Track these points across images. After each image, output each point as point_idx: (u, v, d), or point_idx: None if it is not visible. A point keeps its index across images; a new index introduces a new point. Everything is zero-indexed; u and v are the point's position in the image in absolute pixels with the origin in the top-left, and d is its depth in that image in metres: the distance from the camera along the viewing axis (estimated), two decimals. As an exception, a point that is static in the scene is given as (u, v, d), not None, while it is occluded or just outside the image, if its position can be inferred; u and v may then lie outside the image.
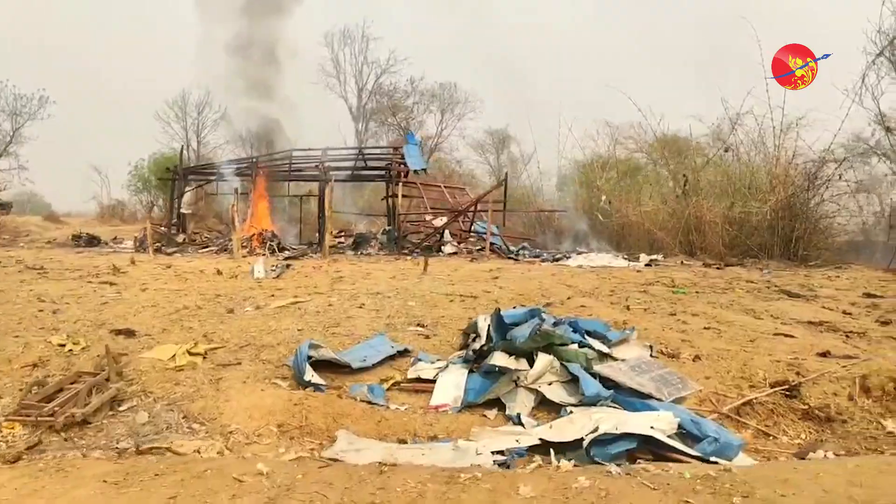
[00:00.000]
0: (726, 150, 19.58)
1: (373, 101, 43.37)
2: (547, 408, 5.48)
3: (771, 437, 5.55)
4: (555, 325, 6.37)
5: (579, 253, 17.42)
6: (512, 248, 18.57)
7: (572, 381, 5.57)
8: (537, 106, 40.42)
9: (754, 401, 5.85)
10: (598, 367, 5.66)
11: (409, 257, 16.66)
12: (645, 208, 19.52)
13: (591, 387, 5.28)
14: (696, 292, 10.41)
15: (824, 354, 6.95)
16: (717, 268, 14.57)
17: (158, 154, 35.61)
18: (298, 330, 7.58)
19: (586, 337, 6.36)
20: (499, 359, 5.64)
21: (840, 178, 15.97)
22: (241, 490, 2.64)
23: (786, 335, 7.76)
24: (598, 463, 4.29)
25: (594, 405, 5.25)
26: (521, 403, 5.51)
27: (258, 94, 25.91)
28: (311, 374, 5.81)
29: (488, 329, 6.01)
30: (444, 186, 22.66)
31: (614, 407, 5.29)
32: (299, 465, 3.07)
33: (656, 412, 4.95)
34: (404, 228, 20.91)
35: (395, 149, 21.31)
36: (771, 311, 9.22)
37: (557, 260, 15.82)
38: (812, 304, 9.85)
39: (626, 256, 16.94)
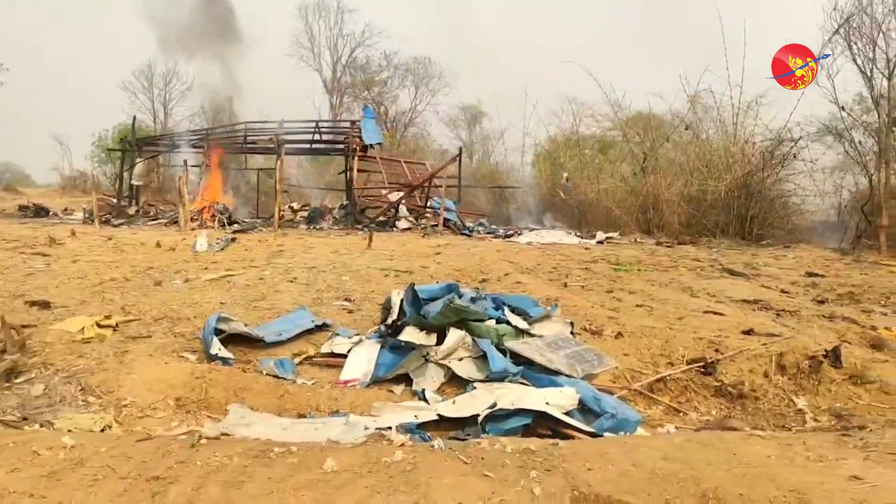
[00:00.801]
0: (686, 128, 19.66)
1: (347, 74, 42.86)
2: (457, 383, 5.46)
3: (681, 414, 5.62)
4: (473, 300, 6.34)
5: (531, 230, 17.45)
6: (469, 224, 18.54)
7: (483, 357, 5.55)
8: (507, 82, 40.33)
9: (669, 377, 5.90)
10: (510, 344, 5.65)
11: (360, 232, 16.55)
12: (603, 186, 19.58)
13: (499, 363, 5.28)
14: (639, 270, 10.47)
15: (748, 332, 7.03)
16: (668, 246, 14.69)
17: (123, 125, 34.95)
18: (221, 303, 7.51)
19: (506, 313, 6.35)
20: (408, 334, 5.61)
21: (795, 157, 16.12)
22: (27, 464, 2.57)
23: (715, 313, 7.84)
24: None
25: (502, 381, 5.24)
26: (430, 379, 5.49)
27: (214, 67, 25.48)
28: (217, 348, 5.73)
29: (401, 304, 5.97)
30: (404, 161, 22.51)
31: (522, 383, 5.29)
32: (115, 440, 3.01)
33: (559, 388, 4.96)
34: (363, 203, 20.77)
35: (353, 122, 21.08)
36: (709, 289, 9.31)
37: (509, 236, 15.83)
38: (752, 283, 9.97)
39: (578, 234, 17.01)
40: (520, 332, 6.08)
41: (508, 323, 6.18)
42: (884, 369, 6.48)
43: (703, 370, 6.07)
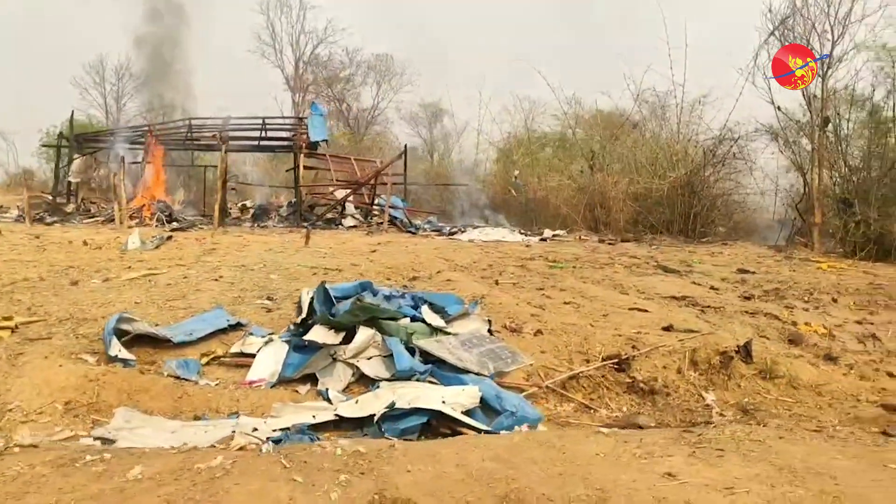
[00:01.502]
0: (634, 127, 19.89)
1: (309, 71, 42.41)
2: (366, 383, 5.41)
3: (592, 411, 5.64)
4: (388, 298, 6.31)
5: (476, 227, 17.49)
6: (417, 222, 18.50)
7: (392, 356, 5.51)
8: (465, 80, 40.37)
9: (582, 374, 5.93)
10: (420, 342, 5.62)
11: (305, 230, 16.37)
12: (550, 184, 19.71)
13: (405, 361, 5.24)
14: (574, 267, 10.54)
15: (668, 329, 7.12)
16: (610, 243, 14.84)
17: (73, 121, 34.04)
18: (136, 303, 7.34)
19: (423, 311, 6.32)
20: (315, 333, 5.54)
21: (735, 156, 16.41)
22: None
23: (640, 310, 7.92)
24: (388, 438, 4.27)
25: (409, 380, 5.20)
26: (337, 378, 5.43)
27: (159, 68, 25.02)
28: (117, 349, 5.58)
29: (310, 303, 5.89)
30: (354, 159, 22.36)
31: (431, 382, 5.27)
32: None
33: (461, 387, 4.94)
34: (311, 200, 20.58)
35: (300, 119, 20.85)
36: (639, 286, 9.40)
37: (453, 234, 15.83)
38: (684, 280, 10.10)
39: (522, 231, 17.08)
40: (434, 331, 6.06)
41: (424, 321, 6.15)
42: (795, 364, 6.63)
43: (617, 367, 6.12)
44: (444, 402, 4.50)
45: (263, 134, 21.13)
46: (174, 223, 16.82)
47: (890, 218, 11.96)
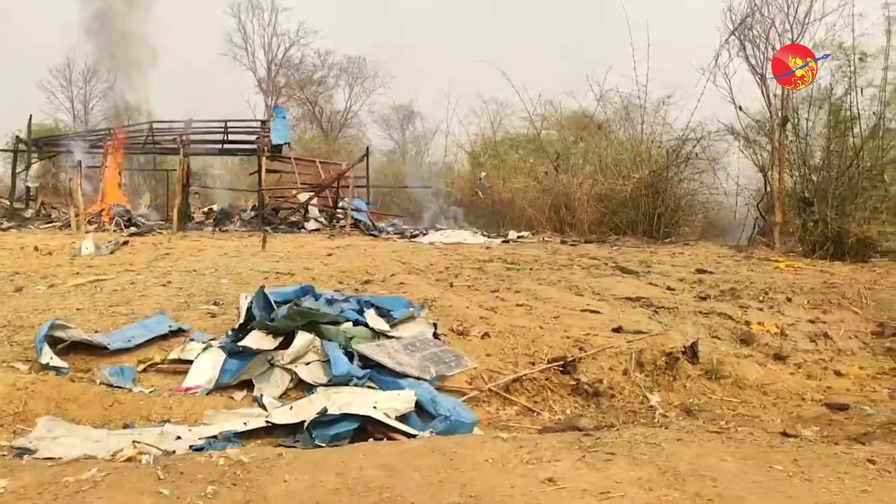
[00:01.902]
0: (599, 128, 20.01)
1: (282, 74, 42.13)
2: (304, 389, 5.36)
3: (535, 414, 5.64)
4: (330, 302, 6.26)
5: (439, 230, 17.49)
6: (382, 224, 18.46)
7: (331, 361, 5.46)
8: (435, 82, 40.34)
9: (526, 377, 5.93)
10: (360, 347, 5.58)
11: (267, 233, 16.25)
12: (515, 185, 19.77)
13: (341, 366, 5.20)
14: (531, 269, 10.55)
15: (617, 330, 7.14)
16: (572, 244, 14.90)
17: (38, 125, 33.52)
18: (78, 309, 7.21)
19: (367, 315, 6.28)
20: (251, 339, 5.49)
21: (696, 156, 16.57)
22: None
23: (592, 311, 7.94)
24: (319, 445, 4.23)
25: (346, 385, 5.16)
26: (275, 384, 5.38)
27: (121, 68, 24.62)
28: (49, 357, 5.48)
29: (249, 308, 5.81)
30: (319, 162, 22.26)
31: (370, 386, 5.23)
32: None
33: (397, 392, 4.91)
34: (275, 204, 20.44)
35: (263, 122, 20.72)
36: (595, 287, 9.42)
37: (414, 237, 15.81)
38: (641, 281, 10.14)
39: (484, 233, 17.11)
40: (377, 335, 6.02)
41: (366, 325, 6.11)
42: (742, 364, 6.70)
43: (562, 369, 6.12)
44: (375, 407, 4.45)
45: (226, 137, 20.96)
46: (132, 228, 16.60)
47: (847, 217, 12.14)
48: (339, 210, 18.14)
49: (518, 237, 17.27)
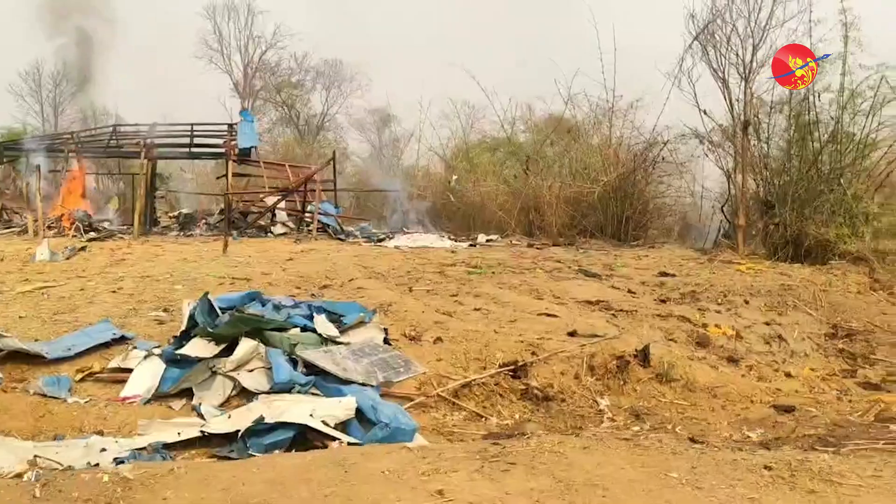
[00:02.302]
0: (568, 131, 20.07)
1: (259, 77, 41.82)
2: (247, 397, 5.27)
3: (483, 419, 5.61)
4: (277, 308, 6.18)
5: (406, 233, 17.42)
6: (350, 228, 18.36)
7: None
8: (408, 85, 40.30)
9: (475, 382, 5.89)
10: (306, 353, 5.50)
11: (232, 238, 16.09)
12: (484, 188, 19.78)
13: (283, 373, 5.13)
14: (493, 273, 10.53)
15: (572, 334, 7.13)
16: (538, 248, 14.92)
17: (6, 129, 32.95)
18: (20, 317, 7.07)
19: (316, 321, 6.20)
20: (191, 346, 5.39)
21: (663, 160, 16.69)
22: None
23: (549, 315, 7.93)
24: (253, 455, 4.17)
25: (288, 392, 5.09)
26: (216, 392, 5.28)
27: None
28: (-19, 367, 5.33)
29: (191, 315, 5.71)
30: (289, 165, 22.09)
31: (314, 393, 5.17)
32: None
33: (338, 399, 4.86)
34: (244, 208, 20.25)
35: (230, 126, 20.51)
36: (556, 290, 9.42)
37: (381, 241, 15.73)
38: (602, 284, 10.17)
39: (451, 237, 17.08)
40: (325, 341, 5.95)
41: (315, 331, 6.04)
42: (694, 367, 6.73)
43: (513, 374, 6.10)
44: (312, 415, 4.39)
45: (192, 141, 20.72)
46: (92, 233, 16.36)
47: (806, 220, 12.27)
48: (307, 214, 18.04)
49: (487, 240, 17.26)
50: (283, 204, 19.47)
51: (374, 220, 20.82)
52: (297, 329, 6.00)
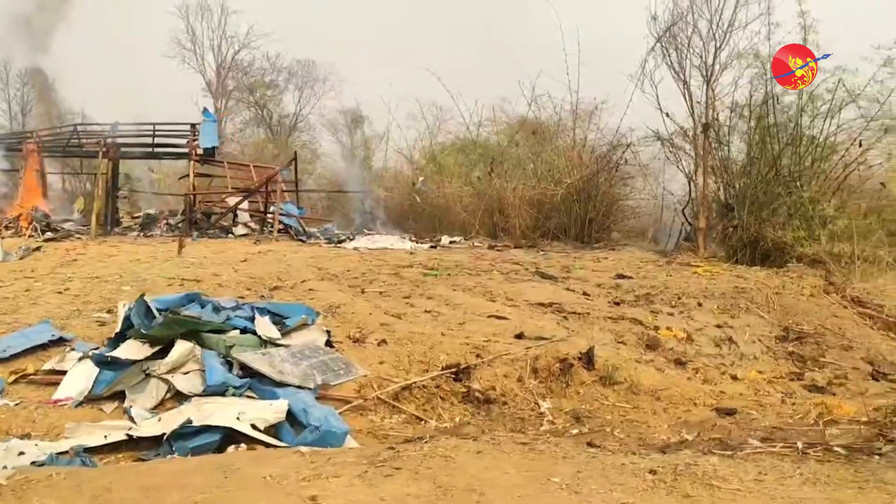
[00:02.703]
0: (533, 133, 20.16)
1: (232, 77, 41.52)
2: (182, 399, 5.22)
3: (423, 422, 5.61)
4: (216, 309, 6.13)
5: (367, 234, 17.40)
6: (313, 229, 18.29)
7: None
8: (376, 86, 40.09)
9: (416, 385, 5.89)
10: (242, 355, 5.47)
11: (191, 239, 15.94)
12: (448, 190, 19.81)
13: (216, 375, 5.09)
14: (448, 274, 10.54)
15: (519, 336, 7.16)
16: (499, 250, 14.98)
17: None
18: (-43, 319, 6.93)
19: (258, 322, 6.17)
20: (125, 348, 5.35)
21: (626, 162, 16.82)
22: None
23: (500, 317, 7.95)
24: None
25: (222, 395, 5.05)
26: (149, 395, 5.23)
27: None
28: None
29: (127, 316, 5.65)
30: (253, 166, 21.94)
31: (249, 396, 5.14)
32: None
33: (270, 402, 4.84)
34: (207, 209, 20.06)
35: (193, 126, 20.30)
36: (510, 292, 9.45)
37: (341, 242, 15.68)
38: (558, 286, 10.22)
39: (413, 238, 17.08)
40: (264, 343, 5.92)
41: (255, 333, 6.00)
42: (639, 370, 6.77)
43: (455, 376, 6.10)
44: (239, 418, 4.36)
45: (154, 141, 20.48)
46: (49, 233, 16.11)
47: (764, 223, 12.43)
48: (269, 215, 17.92)
49: (450, 242, 17.28)
50: (245, 205, 19.36)
51: (341, 221, 20.76)
52: (237, 331, 5.97)
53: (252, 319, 6.26)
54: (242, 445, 4.31)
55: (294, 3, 51.13)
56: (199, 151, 19.38)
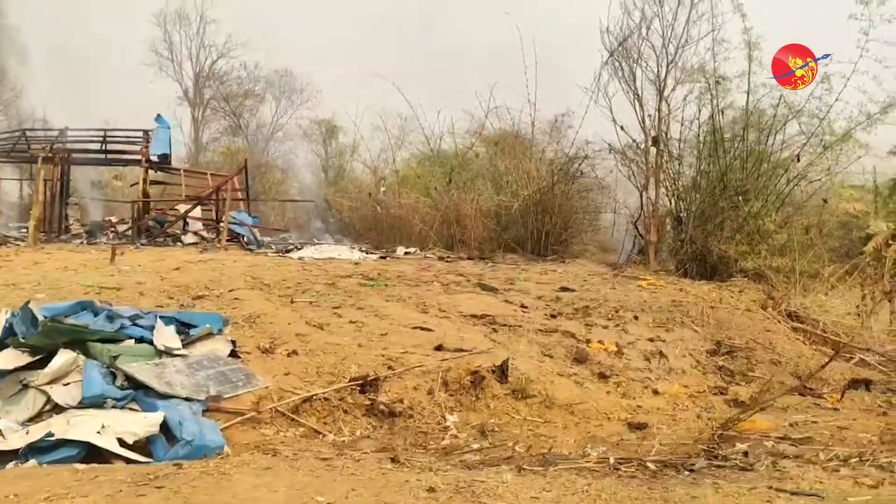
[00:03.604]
0: (496, 144, 20.12)
1: (209, 86, 41.39)
2: (62, 411, 5.01)
3: (321, 436, 5.45)
4: (110, 318, 5.92)
5: (316, 244, 17.21)
6: (267, 239, 18.10)
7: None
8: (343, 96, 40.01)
9: (317, 397, 5.73)
10: (127, 366, 5.26)
11: (134, 247, 15.66)
12: (405, 200, 19.69)
13: (94, 387, 4.90)
14: (386, 285, 10.39)
15: (438, 348, 7.03)
16: (448, 261, 14.85)
17: None
18: None
19: (155, 332, 5.97)
20: (1, 358, 5.11)
21: (581, 174, 16.81)
22: None
23: (424, 329, 7.81)
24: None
25: (101, 407, 4.85)
26: (26, 407, 5.01)
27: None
28: None
29: (10, 325, 5.43)
30: (210, 174, 21.71)
31: (132, 408, 4.95)
32: None
33: (146, 413, 4.66)
34: (160, 217, 19.77)
35: (146, 132, 20.03)
36: (445, 304, 9.32)
37: (288, 251, 15.48)
38: (497, 298, 10.11)
39: (363, 248, 16.92)
40: (161, 353, 5.73)
41: (151, 343, 5.81)
42: (556, 384, 6.67)
43: (360, 388, 5.96)
44: (99, 431, 4.17)
45: (105, 147, 20.16)
46: (-14, 240, 15.74)
47: (709, 236, 12.45)
48: (218, 223, 17.70)
49: (405, 253, 17.14)
50: (199, 213, 19.09)
51: (299, 231, 20.56)
52: (132, 341, 5.77)
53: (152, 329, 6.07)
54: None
55: (271, 12, 51.39)
56: (153, 158, 19.15)
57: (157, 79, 40.27)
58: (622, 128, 15.22)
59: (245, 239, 17.23)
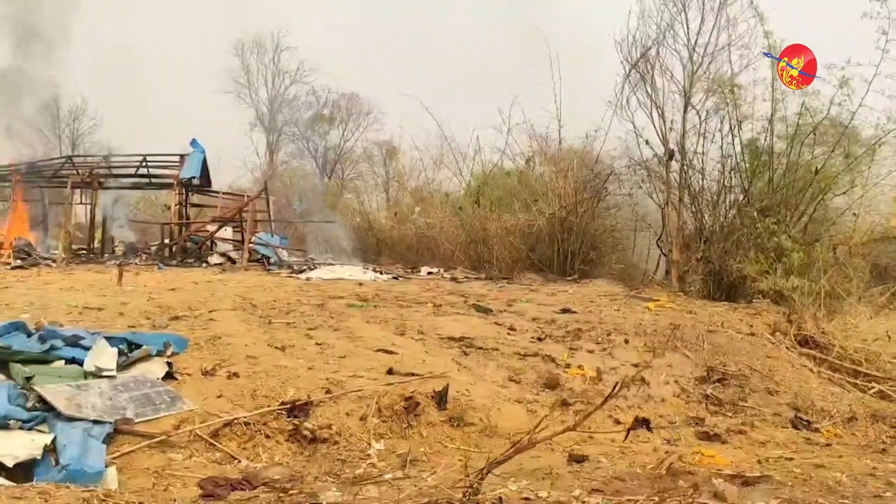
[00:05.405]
0: (527, 162, 19.93)
1: (283, 111, 43.36)
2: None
3: (237, 461, 5.37)
4: (42, 338, 6.03)
5: (329, 265, 17.32)
6: (291, 259, 18.35)
7: (9, 402, 5.21)
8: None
9: (237, 421, 5.65)
10: (41, 388, 5.32)
11: (158, 268, 16.11)
12: (428, 219, 19.65)
13: (-4, 408, 4.93)
14: (375, 306, 10.33)
15: (390, 371, 6.89)
16: (458, 281, 14.71)
17: None
18: None
19: (91, 353, 6.04)
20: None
21: (607, 191, 16.42)
22: None
23: (388, 351, 7.68)
24: None
25: (5, 428, 4.91)
26: (-62, 428, 5.09)
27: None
28: None
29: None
30: (247, 196, 22.21)
31: (40, 430, 4.99)
32: None
33: (34, 436, 4.69)
34: (196, 238, 20.34)
35: (181, 157, 20.68)
36: (427, 326, 9.21)
37: (301, 271, 15.61)
38: (488, 320, 9.94)
39: (377, 269, 16.91)
40: (88, 374, 5.79)
41: (80, 364, 5.88)
42: (504, 411, 6.43)
43: (288, 413, 5.87)
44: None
45: (146, 171, 20.91)
46: (18, 262, 16.45)
47: (727, 254, 11.91)
48: (242, 243, 18.13)
49: (428, 273, 17.09)
50: (230, 234, 19.56)
51: (322, 251, 20.78)
52: (62, 362, 5.85)
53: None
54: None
55: (341, 38, 53.04)
56: (183, 181, 19.75)
57: (232, 105, 42.33)
58: (647, 142, 14.81)
59: (269, 259, 17.52)
